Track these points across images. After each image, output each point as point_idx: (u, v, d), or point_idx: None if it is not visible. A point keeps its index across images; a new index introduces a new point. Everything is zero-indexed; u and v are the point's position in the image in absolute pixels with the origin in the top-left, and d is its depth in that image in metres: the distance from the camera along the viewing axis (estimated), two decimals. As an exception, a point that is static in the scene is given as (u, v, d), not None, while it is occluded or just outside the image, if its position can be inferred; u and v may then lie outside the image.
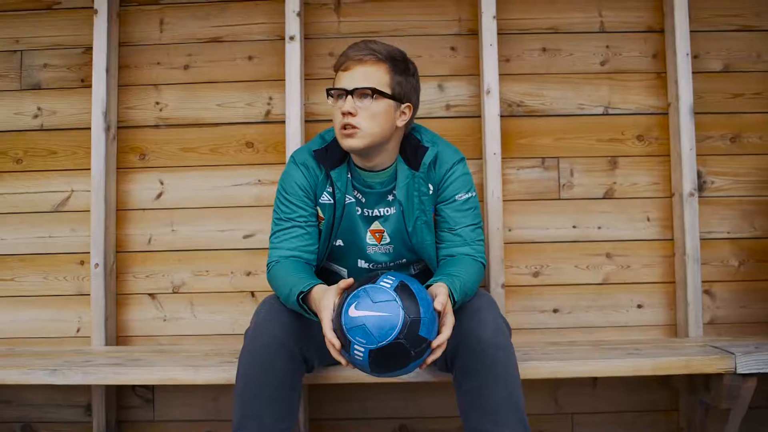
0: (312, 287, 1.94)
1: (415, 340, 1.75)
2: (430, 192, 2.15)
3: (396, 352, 1.74)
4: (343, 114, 2.03)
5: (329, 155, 2.16)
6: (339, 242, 2.20)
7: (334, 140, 2.18)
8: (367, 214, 2.18)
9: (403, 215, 2.16)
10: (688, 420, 2.73)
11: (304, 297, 1.94)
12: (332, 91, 2.06)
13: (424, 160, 2.13)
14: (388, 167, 2.16)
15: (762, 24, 2.88)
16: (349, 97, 2.02)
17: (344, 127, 2.04)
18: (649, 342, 2.65)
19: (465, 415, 1.94)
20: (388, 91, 2.05)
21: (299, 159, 2.19)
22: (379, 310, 1.74)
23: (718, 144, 2.86)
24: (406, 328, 1.73)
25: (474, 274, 2.06)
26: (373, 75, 2.04)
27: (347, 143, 2.06)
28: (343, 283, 1.84)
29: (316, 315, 1.91)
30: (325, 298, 1.85)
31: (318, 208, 2.17)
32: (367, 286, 1.79)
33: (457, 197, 2.15)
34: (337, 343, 1.78)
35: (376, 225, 2.19)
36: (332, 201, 2.15)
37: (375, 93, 2.03)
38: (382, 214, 2.19)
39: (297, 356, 1.97)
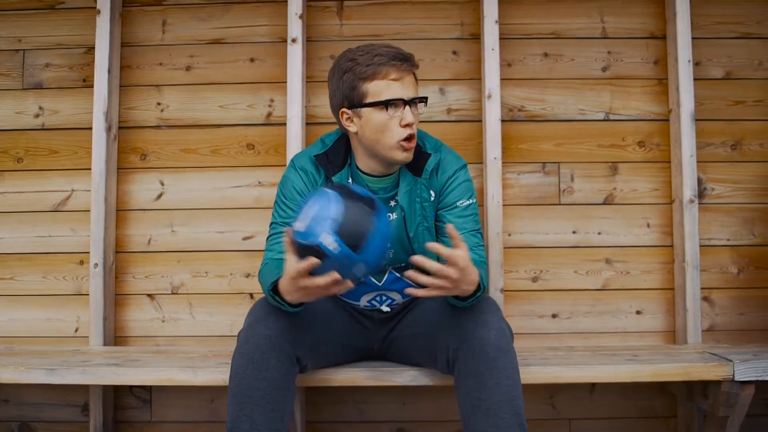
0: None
1: (364, 202, 1.80)
2: (432, 198, 2.16)
3: (357, 215, 1.76)
4: (409, 125, 2.04)
5: (330, 160, 2.17)
6: (338, 246, 2.20)
7: (335, 144, 2.19)
8: None
9: (405, 221, 2.16)
10: (686, 427, 2.73)
11: (275, 288, 1.91)
12: (393, 102, 2.02)
13: (426, 167, 2.15)
14: (393, 172, 2.16)
15: (763, 32, 2.88)
16: (408, 107, 2.03)
17: (409, 140, 2.06)
18: (647, 348, 2.65)
19: (465, 417, 1.94)
20: None
21: (298, 164, 2.20)
22: (315, 203, 1.78)
23: (718, 151, 2.86)
24: (344, 195, 1.78)
25: (483, 272, 2.07)
26: (415, 82, 2.09)
27: (408, 156, 2.09)
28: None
29: (290, 305, 1.90)
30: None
31: None
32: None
33: (458, 203, 2.16)
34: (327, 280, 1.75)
35: None
36: None
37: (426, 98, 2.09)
38: None
39: (290, 356, 1.96)
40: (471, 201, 2.19)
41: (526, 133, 2.89)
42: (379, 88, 2.02)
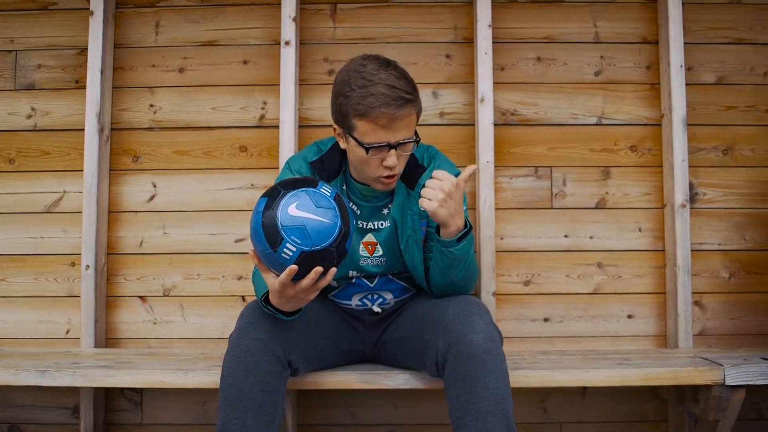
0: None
1: (342, 252, 1.82)
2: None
3: (323, 259, 1.78)
4: (390, 167, 2.02)
5: (326, 166, 2.18)
6: (332, 252, 2.20)
7: (330, 150, 2.20)
8: (361, 225, 2.19)
9: (397, 233, 2.18)
10: (676, 430, 2.73)
11: (267, 298, 1.93)
12: (374, 147, 1.98)
13: (420, 180, 2.16)
14: None
15: (755, 37, 2.89)
16: (393, 150, 2.00)
17: (388, 177, 2.05)
18: (638, 352, 2.65)
19: (454, 420, 1.93)
20: (415, 128, 2.07)
21: (294, 166, 2.20)
22: (319, 215, 1.78)
23: (710, 156, 2.87)
24: (339, 237, 1.79)
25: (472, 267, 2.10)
26: (411, 122, 2.03)
27: (387, 188, 2.11)
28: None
29: (283, 313, 1.92)
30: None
31: None
32: (307, 189, 1.82)
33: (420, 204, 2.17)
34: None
35: (369, 237, 2.20)
36: None
37: (416, 141, 2.05)
38: (375, 227, 2.19)
39: (281, 359, 1.95)
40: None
41: (518, 137, 2.89)
42: (365, 129, 1.98)
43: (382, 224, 2.20)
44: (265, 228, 1.77)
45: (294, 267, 1.76)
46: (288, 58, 2.77)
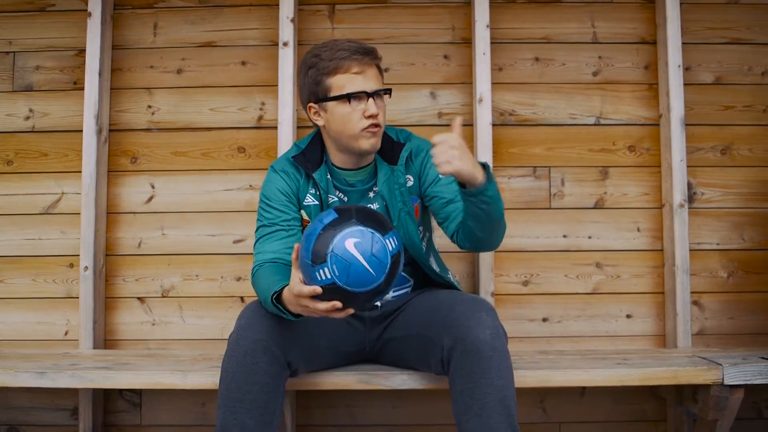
0: (285, 287, 1.91)
1: (367, 303, 1.83)
2: (409, 183, 2.21)
3: (348, 299, 1.78)
4: (372, 116, 2.10)
5: (308, 158, 2.22)
6: (324, 242, 2.20)
7: (309, 145, 2.26)
8: None
9: (387, 210, 2.20)
10: (675, 430, 2.74)
11: (278, 296, 1.92)
12: (355, 95, 2.08)
13: (402, 154, 2.21)
14: (368, 165, 2.23)
15: (753, 37, 2.90)
16: (371, 99, 2.09)
17: (373, 126, 2.11)
18: (637, 352, 2.65)
19: (458, 416, 1.94)
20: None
21: (278, 167, 2.25)
22: (370, 263, 1.76)
23: (708, 156, 2.88)
24: (373, 291, 1.79)
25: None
26: (379, 76, 2.17)
27: (374, 142, 2.15)
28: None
29: (292, 314, 1.91)
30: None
31: (302, 212, 2.20)
32: (375, 231, 1.79)
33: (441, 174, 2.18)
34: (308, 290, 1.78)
35: None
36: (317, 202, 2.19)
37: (389, 90, 2.15)
38: None
39: (280, 360, 1.96)
40: None
41: (517, 138, 2.89)
42: (341, 82, 2.09)
43: (370, 207, 2.20)
44: (317, 243, 1.77)
45: (318, 290, 1.76)
46: (286, 59, 2.77)
